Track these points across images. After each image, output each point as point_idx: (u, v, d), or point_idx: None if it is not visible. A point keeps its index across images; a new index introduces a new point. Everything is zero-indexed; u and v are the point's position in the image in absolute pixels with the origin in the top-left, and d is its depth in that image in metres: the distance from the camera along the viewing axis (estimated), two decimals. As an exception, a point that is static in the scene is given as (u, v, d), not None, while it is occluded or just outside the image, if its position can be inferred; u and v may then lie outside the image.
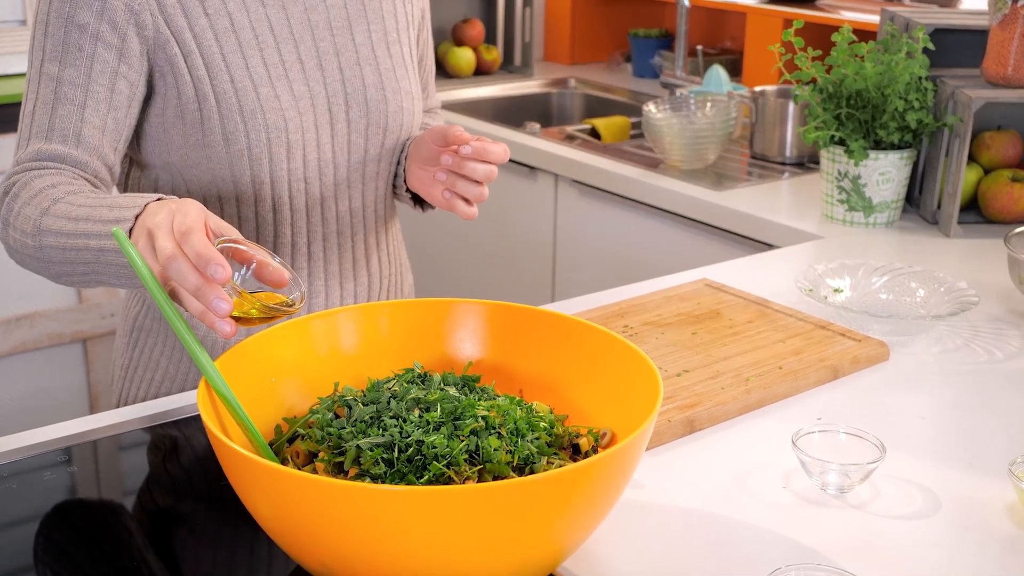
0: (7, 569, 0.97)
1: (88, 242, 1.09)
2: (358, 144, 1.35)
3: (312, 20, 1.31)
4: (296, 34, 1.30)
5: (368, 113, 1.35)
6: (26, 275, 2.59)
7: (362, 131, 1.35)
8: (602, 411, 1.03)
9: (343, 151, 1.35)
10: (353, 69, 1.34)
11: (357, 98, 1.34)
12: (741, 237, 2.10)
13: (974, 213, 1.99)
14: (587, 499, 0.85)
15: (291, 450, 0.97)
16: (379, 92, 1.35)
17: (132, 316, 1.41)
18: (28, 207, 1.16)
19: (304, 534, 0.84)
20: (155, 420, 1.22)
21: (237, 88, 1.26)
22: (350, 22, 1.34)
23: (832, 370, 1.32)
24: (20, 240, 1.17)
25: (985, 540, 1.02)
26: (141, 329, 1.40)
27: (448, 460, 0.89)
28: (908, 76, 1.86)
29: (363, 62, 1.35)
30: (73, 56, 1.21)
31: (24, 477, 1.11)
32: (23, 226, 1.16)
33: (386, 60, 1.37)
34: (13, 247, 1.20)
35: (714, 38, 3.36)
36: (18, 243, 1.18)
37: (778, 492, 1.09)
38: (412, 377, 1.04)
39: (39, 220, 1.14)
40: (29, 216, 1.15)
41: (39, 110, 1.21)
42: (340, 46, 1.33)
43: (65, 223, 1.11)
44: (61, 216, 1.12)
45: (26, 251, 1.17)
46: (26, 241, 1.15)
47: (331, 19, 1.33)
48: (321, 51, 1.32)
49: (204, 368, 0.93)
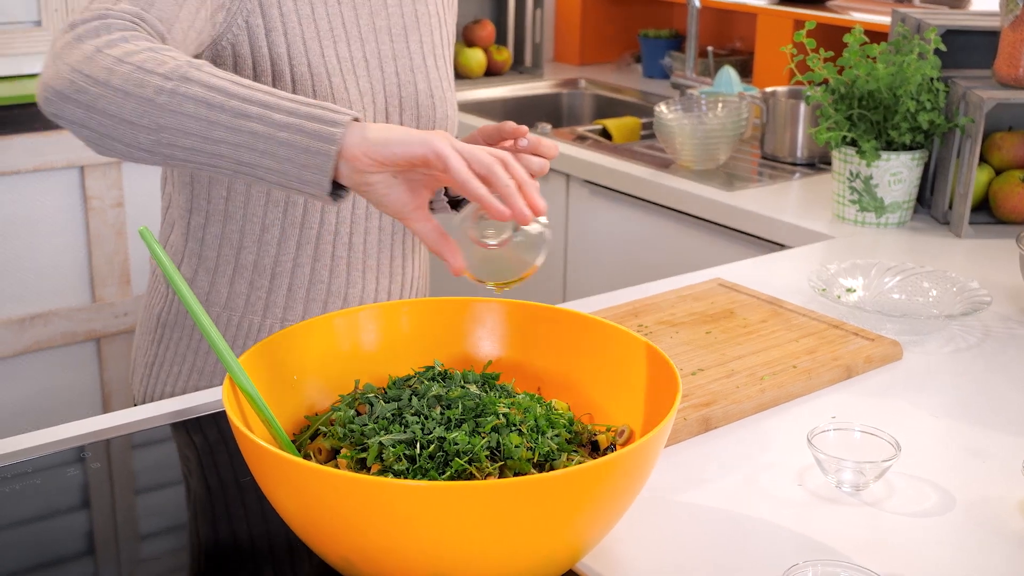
0: (28, 565, 0.99)
1: (272, 114, 0.97)
2: None
3: (376, 24, 1.34)
4: (363, 34, 1.32)
5: (418, 118, 1.38)
6: (41, 274, 2.62)
7: None
8: (620, 409, 1.04)
9: None
10: (407, 75, 1.36)
11: (409, 102, 1.37)
12: (752, 237, 2.11)
13: (985, 213, 2.00)
14: (607, 495, 0.86)
15: (313, 446, 0.98)
16: (428, 99, 1.38)
17: (155, 312, 1.42)
18: (152, 56, 1.02)
19: (327, 529, 0.85)
20: (176, 417, 1.24)
21: (313, 73, 1.27)
22: (406, 30, 1.37)
23: (846, 369, 1.33)
24: (104, 93, 1.01)
25: (998, 537, 1.03)
26: (165, 325, 1.41)
27: (469, 456, 0.90)
28: (920, 77, 1.87)
29: (415, 69, 1.37)
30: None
31: (43, 475, 1.12)
32: (119, 78, 1.00)
33: (434, 70, 1.40)
34: (76, 96, 1.02)
35: (723, 39, 3.37)
36: (93, 94, 1.01)
37: (793, 490, 1.10)
38: (433, 375, 1.05)
39: (185, 71, 1.00)
40: (155, 65, 1.01)
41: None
42: (397, 51, 1.36)
43: (237, 87, 0.99)
44: (228, 79, 1.00)
45: (110, 107, 1.01)
46: (131, 92, 1.00)
47: (391, 25, 1.35)
48: (382, 54, 1.34)
49: (229, 365, 0.94)
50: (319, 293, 1.36)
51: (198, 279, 1.35)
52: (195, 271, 1.36)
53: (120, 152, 1.03)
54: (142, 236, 0.93)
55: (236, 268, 1.34)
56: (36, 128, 2.54)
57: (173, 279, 0.94)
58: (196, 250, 1.35)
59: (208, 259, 1.34)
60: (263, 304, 1.35)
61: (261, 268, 1.34)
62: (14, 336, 2.61)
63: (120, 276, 2.72)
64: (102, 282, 2.70)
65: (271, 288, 1.34)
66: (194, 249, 1.35)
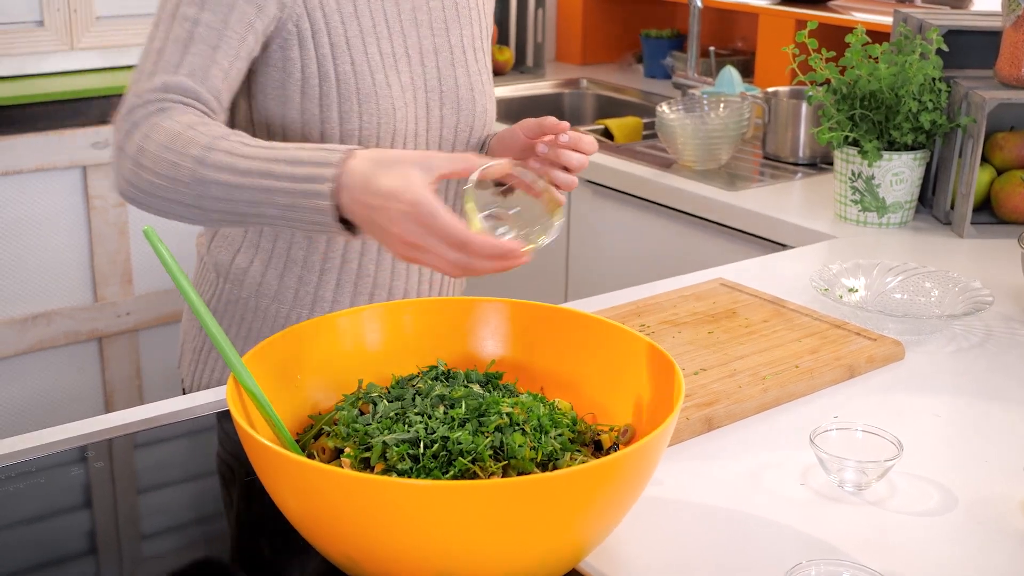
0: (31, 564, 0.99)
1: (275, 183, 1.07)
2: (448, 140, 1.41)
3: (418, 18, 1.36)
4: (404, 29, 1.34)
5: (459, 111, 1.40)
6: (44, 273, 2.62)
7: (452, 127, 1.40)
8: (623, 408, 1.04)
9: (435, 145, 1.40)
10: (448, 69, 1.39)
11: (450, 96, 1.39)
12: (754, 237, 2.11)
13: (987, 213, 2.00)
14: (610, 495, 0.86)
15: (317, 446, 0.99)
16: (468, 92, 1.41)
17: (205, 300, 1.43)
18: (180, 142, 1.12)
19: (330, 528, 0.85)
20: (178, 417, 1.24)
21: (356, 71, 1.30)
22: (447, 24, 1.39)
23: (848, 369, 1.33)
24: (158, 181, 1.12)
25: (1000, 537, 1.03)
26: (214, 313, 1.42)
27: (473, 456, 0.90)
28: (922, 77, 1.87)
29: (456, 63, 1.40)
30: (216, 5, 1.21)
31: (46, 474, 1.12)
32: (163, 167, 1.12)
33: (473, 63, 1.42)
34: (141, 187, 1.15)
35: (725, 39, 3.37)
36: (152, 184, 1.13)
37: (796, 489, 1.10)
38: (436, 374, 1.05)
39: (202, 156, 1.10)
40: (183, 152, 1.11)
41: (170, 48, 1.20)
42: (438, 45, 1.38)
43: (241, 161, 1.09)
44: (235, 154, 1.10)
45: (166, 193, 1.12)
46: (175, 178, 1.11)
47: (432, 19, 1.38)
48: (423, 48, 1.37)
49: (232, 365, 0.95)
50: (365, 286, 1.39)
51: (252, 270, 1.38)
52: (251, 261, 1.39)
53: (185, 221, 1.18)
54: (146, 236, 0.94)
55: (287, 263, 1.37)
56: (39, 128, 2.55)
57: (176, 277, 0.94)
58: (254, 241, 1.38)
59: (263, 251, 1.38)
60: (311, 298, 1.38)
61: (311, 264, 1.37)
62: (16, 335, 2.62)
63: (122, 276, 2.72)
64: (104, 282, 2.70)
65: (319, 282, 1.38)
66: (252, 240, 1.38)
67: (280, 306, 1.39)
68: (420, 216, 1.00)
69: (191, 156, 1.11)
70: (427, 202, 1.00)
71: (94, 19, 2.74)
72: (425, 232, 1.00)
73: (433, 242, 1.00)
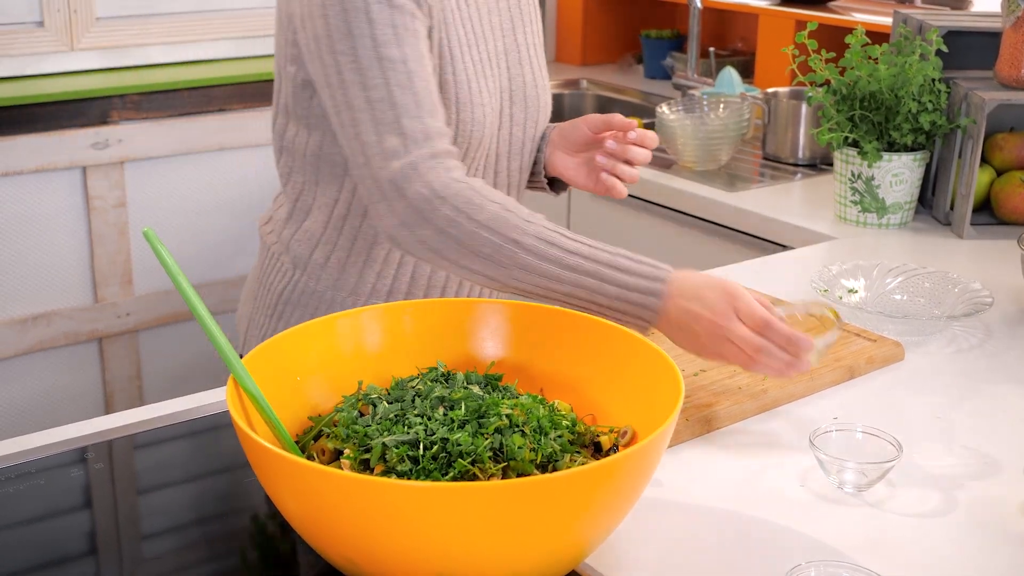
0: (31, 565, 0.99)
1: (602, 285, 1.15)
2: (517, 137, 1.44)
3: (492, 21, 1.39)
4: (485, 33, 1.37)
5: (526, 108, 1.44)
6: (43, 274, 2.62)
7: (521, 124, 1.44)
8: (622, 410, 1.04)
9: (505, 143, 1.43)
10: (516, 68, 1.42)
11: (519, 95, 1.42)
12: (754, 238, 2.11)
13: (987, 214, 2.00)
14: (610, 496, 0.86)
15: (316, 447, 0.99)
16: (534, 89, 1.45)
17: (277, 290, 1.45)
18: (499, 223, 1.18)
19: (330, 529, 0.85)
20: (178, 418, 1.24)
21: (457, 80, 1.32)
22: (513, 24, 1.42)
23: (848, 370, 1.33)
24: (469, 253, 1.18)
25: (1000, 538, 1.03)
26: (287, 303, 1.44)
27: (473, 457, 0.91)
28: (921, 78, 1.87)
29: (523, 62, 1.43)
30: (405, 36, 1.23)
31: (46, 475, 1.12)
32: (480, 245, 1.18)
33: (536, 59, 1.46)
34: (445, 255, 1.20)
35: (725, 39, 3.37)
36: (459, 252, 1.19)
37: (796, 490, 1.10)
38: (436, 376, 1.05)
39: (524, 242, 1.17)
40: (504, 235, 1.17)
41: (397, 92, 1.22)
42: (508, 46, 1.41)
43: (568, 257, 1.16)
44: (558, 246, 1.17)
45: (472, 264, 1.18)
46: (491, 257, 1.17)
47: (502, 21, 1.41)
48: (498, 50, 1.39)
49: (232, 366, 0.95)
50: (438, 281, 1.44)
51: (329, 265, 1.41)
52: (327, 258, 1.41)
53: (470, 281, 1.25)
54: (147, 238, 0.94)
55: (367, 260, 1.40)
56: (38, 128, 2.55)
57: (176, 278, 0.94)
58: (333, 239, 1.40)
59: (342, 248, 1.40)
60: (387, 292, 1.42)
61: (390, 260, 1.41)
62: (16, 336, 2.62)
63: (122, 276, 2.72)
64: (104, 282, 2.70)
65: (396, 277, 1.41)
66: (331, 238, 1.40)
67: (356, 299, 1.42)
68: (731, 294, 1.13)
69: (512, 240, 1.17)
70: (740, 288, 1.14)
71: (94, 20, 2.74)
72: (730, 309, 1.12)
73: (736, 325, 1.12)
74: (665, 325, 1.16)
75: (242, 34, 2.97)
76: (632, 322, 1.16)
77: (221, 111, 2.79)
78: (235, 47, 2.97)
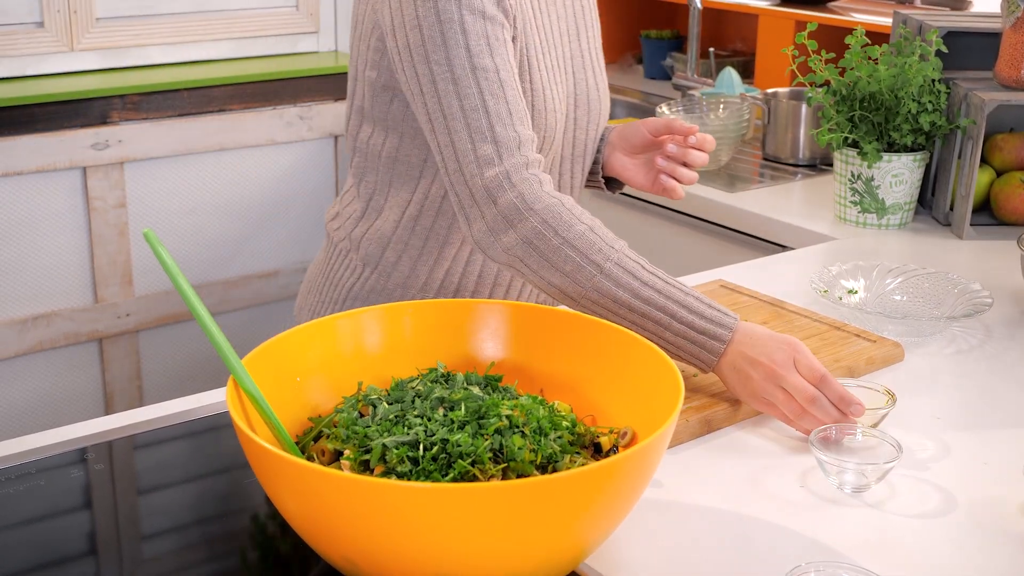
0: (31, 565, 0.99)
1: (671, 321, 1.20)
2: (580, 140, 1.47)
3: (560, 28, 1.41)
4: (555, 39, 1.39)
5: (589, 112, 1.46)
6: (44, 274, 2.62)
7: (584, 128, 1.46)
8: (622, 410, 1.04)
9: (569, 147, 1.46)
10: (580, 72, 1.44)
11: (582, 99, 1.45)
12: (754, 238, 2.11)
13: (986, 215, 2.00)
14: (610, 497, 0.86)
15: (316, 448, 0.99)
16: (596, 93, 1.47)
17: (346, 286, 1.48)
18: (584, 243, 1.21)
19: (330, 530, 0.85)
20: (178, 419, 1.24)
21: (534, 87, 1.34)
22: (577, 29, 1.44)
23: (847, 370, 1.33)
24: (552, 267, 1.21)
25: (1000, 539, 1.03)
26: (356, 299, 1.47)
27: (473, 458, 0.91)
28: (921, 79, 1.87)
29: (586, 66, 1.45)
30: (497, 46, 1.26)
31: (46, 476, 1.12)
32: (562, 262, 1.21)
33: (597, 63, 1.49)
34: (529, 264, 1.23)
35: (724, 40, 3.37)
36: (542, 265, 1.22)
37: (795, 491, 1.10)
38: (436, 377, 1.05)
39: (606, 267, 1.21)
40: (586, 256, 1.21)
41: (491, 101, 1.25)
42: (573, 52, 1.43)
43: (643, 289, 1.21)
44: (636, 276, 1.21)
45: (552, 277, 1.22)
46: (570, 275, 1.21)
47: (568, 27, 1.42)
48: (565, 55, 1.42)
49: (232, 366, 0.95)
50: (503, 279, 1.46)
51: (400, 263, 1.44)
52: (399, 256, 1.43)
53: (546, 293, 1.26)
54: (147, 239, 0.94)
55: (438, 259, 1.43)
56: (39, 129, 2.55)
57: (176, 279, 0.94)
58: (404, 237, 1.42)
59: (413, 247, 1.42)
60: (454, 288, 1.44)
61: (460, 258, 1.43)
62: (16, 336, 2.62)
63: (122, 276, 2.73)
64: (104, 283, 2.70)
65: (464, 274, 1.44)
66: (402, 236, 1.42)
67: (424, 295, 1.45)
68: (793, 347, 1.17)
69: (594, 263, 1.21)
70: (802, 345, 1.18)
71: (94, 20, 2.74)
72: (789, 360, 1.16)
73: (793, 374, 1.16)
74: (722, 369, 1.20)
75: (242, 34, 2.97)
76: (692, 361, 1.21)
77: (221, 111, 2.79)
78: (235, 47, 2.97)
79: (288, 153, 2.94)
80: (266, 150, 2.90)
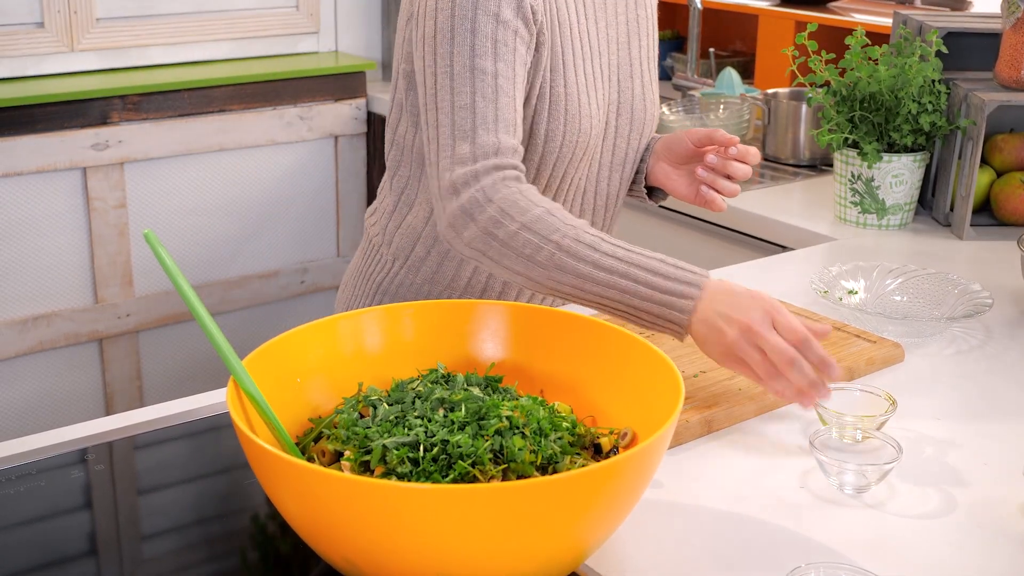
0: (31, 565, 0.99)
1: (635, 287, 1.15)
2: (620, 149, 1.46)
3: (609, 35, 1.41)
4: (600, 47, 1.39)
5: (632, 121, 1.46)
6: (44, 275, 2.62)
7: (625, 137, 1.46)
8: (623, 411, 1.04)
9: (608, 155, 1.45)
10: (627, 82, 1.44)
11: (626, 108, 1.45)
12: (754, 239, 2.11)
13: (987, 215, 2.00)
14: (610, 498, 0.86)
15: (317, 449, 0.99)
16: (641, 102, 1.47)
17: (377, 281, 1.49)
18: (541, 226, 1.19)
19: (330, 531, 0.85)
20: (179, 419, 1.24)
21: (567, 92, 1.34)
22: (629, 37, 1.44)
23: (848, 371, 1.33)
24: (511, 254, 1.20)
25: (1000, 539, 1.03)
26: (386, 293, 1.48)
27: (473, 459, 0.91)
28: (921, 79, 1.87)
29: (634, 75, 1.45)
30: (503, 52, 1.26)
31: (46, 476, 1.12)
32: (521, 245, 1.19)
33: (648, 73, 1.49)
34: (489, 254, 1.22)
35: (724, 40, 3.37)
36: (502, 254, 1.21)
37: (795, 492, 1.10)
38: (436, 377, 1.05)
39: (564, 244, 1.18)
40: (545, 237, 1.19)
41: (480, 103, 1.25)
42: (621, 60, 1.43)
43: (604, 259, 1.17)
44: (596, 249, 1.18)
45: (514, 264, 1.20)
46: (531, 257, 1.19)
47: (619, 35, 1.43)
48: (611, 64, 1.41)
49: (232, 367, 0.95)
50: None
51: (429, 258, 1.44)
52: (428, 252, 1.44)
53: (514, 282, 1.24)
54: (147, 239, 0.94)
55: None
56: (39, 129, 2.55)
57: (176, 279, 0.94)
58: (433, 234, 1.43)
59: (442, 243, 1.42)
60: (482, 287, 1.45)
61: None
62: (16, 337, 2.62)
63: (122, 277, 2.73)
64: (104, 283, 2.71)
65: (492, 276, 1.43)
66: (431, 232, 1.43)
67: (451, 293, 1.45)
68: (770, 306, 1.11)
69: (552, 241, 1.19)
70: (782, 306, 1.12)
71: (94, 21, 2.74)
72: (767, 318, 1.11)
73: (771, 334, 1.10)
74: (694, 326, 1.14)
75: (242, 34, 2.97)
76: (664, 326, 1.16)
77: (221, 111, 2.79)
78: (235, 48, 2.97)
79: (288, 153, 2.94)
80: (266, 150, 2.90)
